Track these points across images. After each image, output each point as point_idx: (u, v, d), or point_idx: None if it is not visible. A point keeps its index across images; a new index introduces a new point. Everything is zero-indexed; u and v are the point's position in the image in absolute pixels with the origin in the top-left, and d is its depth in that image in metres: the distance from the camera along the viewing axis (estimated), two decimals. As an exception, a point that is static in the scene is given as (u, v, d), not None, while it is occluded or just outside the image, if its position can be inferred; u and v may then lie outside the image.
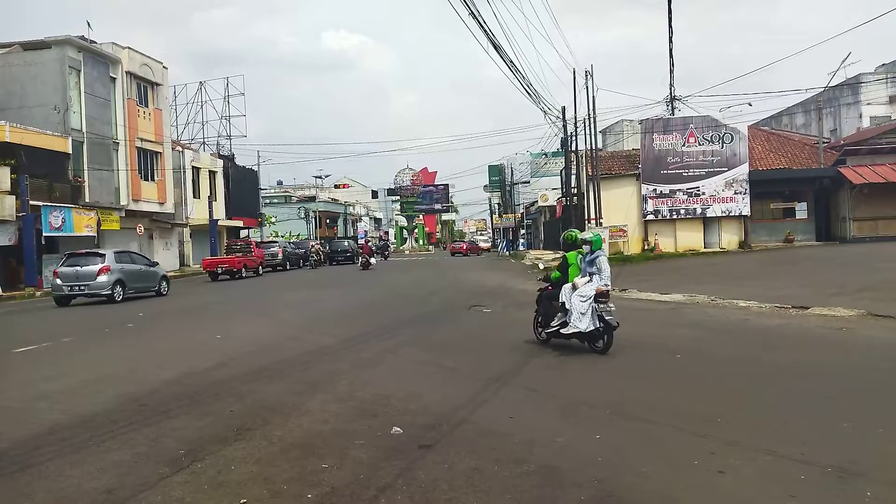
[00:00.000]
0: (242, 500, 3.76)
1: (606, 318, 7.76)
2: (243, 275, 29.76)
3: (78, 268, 18.47)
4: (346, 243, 48.81)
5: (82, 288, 18.26)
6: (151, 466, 4.37)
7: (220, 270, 29.03)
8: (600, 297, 7.77)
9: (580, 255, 8.24)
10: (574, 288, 7.94)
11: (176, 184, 36.44)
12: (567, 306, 7.94)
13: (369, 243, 47.97)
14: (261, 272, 32.49)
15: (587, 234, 8.49)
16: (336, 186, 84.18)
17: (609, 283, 8.01)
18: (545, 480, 3.91)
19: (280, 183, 75.96)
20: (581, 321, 7.72)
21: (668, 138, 28.89)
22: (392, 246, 64.03)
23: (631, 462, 4.19)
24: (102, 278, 18.22)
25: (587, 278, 7.97)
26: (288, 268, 37.48)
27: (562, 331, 8.03)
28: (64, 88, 27.73)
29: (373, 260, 33.49)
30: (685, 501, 3.62)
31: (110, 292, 18.33)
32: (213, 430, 5.18)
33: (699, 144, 28.81)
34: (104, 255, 19.08)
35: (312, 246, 42.25)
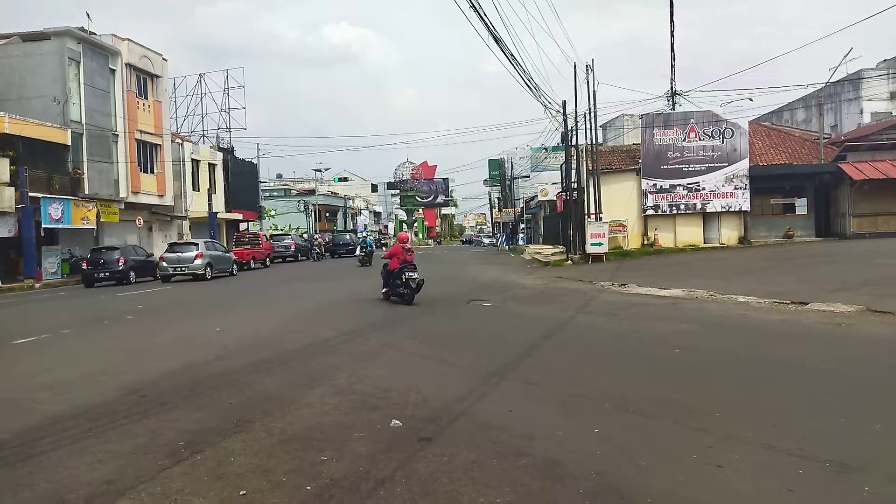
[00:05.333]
0: (242, 492, 3.76)
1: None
2: (252, 266, 31.31)
3: (179, 254, 23.63)
4: (347, 236, 49.68)
5: (183, 269, 23.41)
6: (151, 458, 4.38)
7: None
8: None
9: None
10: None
11: (175, 176, 36.41)
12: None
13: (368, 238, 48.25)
14: (268, 264, 34.01)
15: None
16: (344, 180, 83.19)
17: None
18: (544, 473, 3.92)
19: (280, 176, 75.93)
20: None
21: (669, 133, 28.84)
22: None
23: (630, 455, 4.19)
24: (198, 262, 23.37)
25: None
26: (299, 258, 40.59)
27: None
28: (63, 80, 27.66)
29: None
30: (683, 495, 3.62)
31: (204, 272, 23.46)
32: (213, 422, 5.18)
33: (700, 139, 28.76)
34: (198, 244, 24.32)
35: (316, 239, 44.65)
